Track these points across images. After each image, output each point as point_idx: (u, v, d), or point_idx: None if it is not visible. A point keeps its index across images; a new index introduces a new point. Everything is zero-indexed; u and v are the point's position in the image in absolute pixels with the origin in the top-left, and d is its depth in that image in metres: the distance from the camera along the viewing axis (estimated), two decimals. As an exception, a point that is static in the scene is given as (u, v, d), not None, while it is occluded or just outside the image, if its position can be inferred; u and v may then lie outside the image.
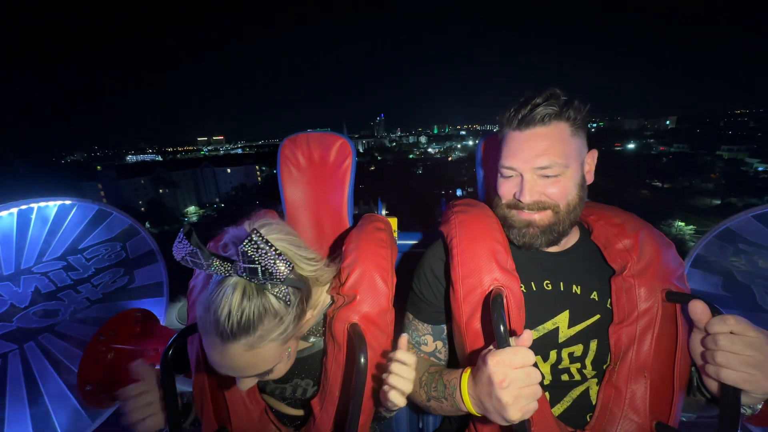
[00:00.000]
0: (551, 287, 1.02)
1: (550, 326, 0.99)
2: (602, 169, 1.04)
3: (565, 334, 0.99)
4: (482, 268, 0.95)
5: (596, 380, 0.99)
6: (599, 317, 0.99)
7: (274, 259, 0.73)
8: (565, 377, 0.99)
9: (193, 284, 1.13)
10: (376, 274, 1.02)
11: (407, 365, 0.87)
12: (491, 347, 0.79)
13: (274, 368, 0.88)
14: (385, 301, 1.02)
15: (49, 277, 1.44)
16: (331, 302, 1.06)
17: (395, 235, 1.45)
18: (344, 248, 1.10)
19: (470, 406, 0.83)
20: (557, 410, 0.99)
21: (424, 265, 1.12)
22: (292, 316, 0.84)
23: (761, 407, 0.82)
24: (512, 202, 1.01)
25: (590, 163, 1.03)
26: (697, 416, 0.99)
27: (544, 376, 0.95)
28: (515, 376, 0.73)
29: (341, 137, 1.39)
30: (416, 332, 1.12)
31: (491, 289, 0.93)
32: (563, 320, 0.99)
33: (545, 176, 0.95)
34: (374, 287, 1.01)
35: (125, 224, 1.66)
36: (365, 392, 0.90)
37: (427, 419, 1.60)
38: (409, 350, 1.12)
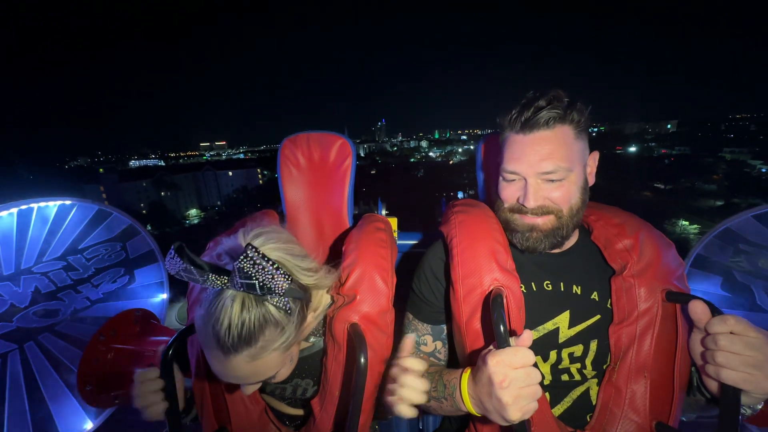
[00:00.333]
0: (551, 287, 1.02)
1: (550, 326, 0.99)
2: (603, 171, 1.04)
3: (565, 334, 0.99)
4: (482, 268, 0.95)
5: (596, 380, 0.99)
6: (599, 317, 0.98)
7: (272, 274, 0.72)
8: (565, 377, 0.99)
9: (193, 284, 1.13)
10: (376, 274, 1.02)
11: (419, 375, 0.86)
12: (491, 347, 0.79)
13: (277, 373, 0.88)
14: (385, 301, 1.01)
15: (49, 277, 1.44)
16: (331, 302, 1.06)
17: (395, 235, 1.45)
18: (344, 248, 1.10)
19: (470, 406, 0.83)
20: (558, 410, 0.99)
21: (424, 265, 1.12)
22: (293, 324, 0.83)
23: (761, 407, 0.82)
24: (515, 206, 1.00)
25: (592, 165, 1.02)
26: (697, 416, 0.99)
27: (544, 376, 0.95)
28: (515, 376, 0.73)
29: (341, 137, 1.39)
30: (416, 332, 1.11)
31: (491, 289, 0.92)
32: (563, 320, 0.99)
33: (549, 180, 0.94)
34: (374, 287, 1.01)
35: (125, 224, 1.66)
36: (365, 392, 0.90)
37: (427, 419, 1.59)
38: (416, 355, 1.12)
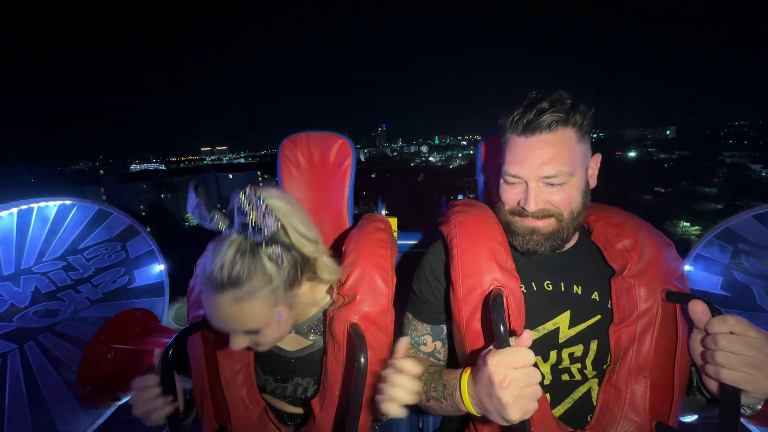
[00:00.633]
0: (552, 287, 1.02)
1: (550, 326, 0.99)
2: (603, 175, 1.04)
3: (565, 334, 0.98)
4: (482, 268, 0.95)
5: (597, 380, 0.98)
6: (600, 317, 0.98)
7: (264, 213, 0.80)
8: (565, 377, 0.99)
9: (193, 284, 1.13)
10: (376, 274, 1.02)
11: (410, 375, 0.86)
12: (491, 347, 0.79)
13: (263, 331, 0.89)
14: (385, 301, 1.01)
15: (49, 277, 1.44)
16: (331, 302, 1.06)
17: (395, 235, 1.45)
18: (344, 248, 1.10)
19: (470, 406, 0.83)
20: (558, 411, 0.98)
21: (424, 265, 1.12)
22: (281, 278, 0.87)
23: (761, 407, 0.81)
24: (516, 209, 0.99)
25: (594, 167, 1.02)
26: (697, 416, 0.99)
27: (544, 376, 0.95)
28: (515, 376, 0.72)
29: (341, 137, 1.39)
30: (416, 332, 1.11)
31: (491, 289, 0.92)
32: (564, 320, 0.99)
33: (550, 184, 0.94)
34: (374, 287, 1.01)
35: (125, 224, 1.67)
36: (365, 392, 0.90)
37: (427, 419, 1.59)
38: (410, 354, 1.11)
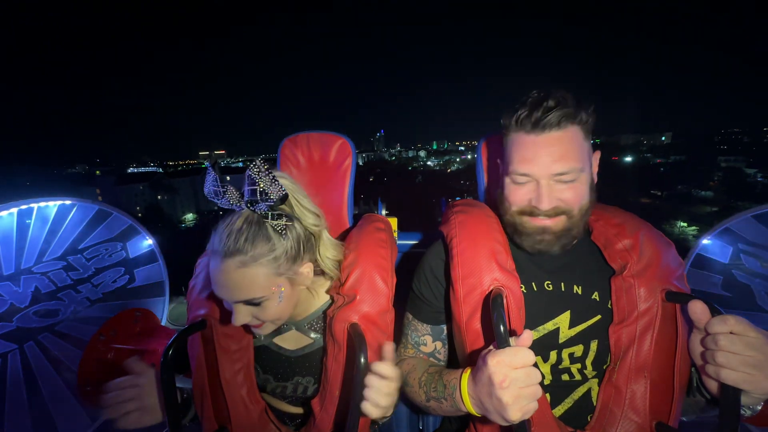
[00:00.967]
0: (552, 287, 1.02)
1: (550, 326, 0.99)
2: (600, 178, 1.04)
3: (565, 334, 0.99)
4: (482, 268, 0.95)
5: (597, 380, 0.98)
6: (600, 317, 0.98)
7: (271, 180, 0.88)
8: (565, 377, 0.99)
9: (193, 284, 1.13)
10: (376, 274, 1.02)
11: (387, 379, 0.85)
12: (491, 347, 0.79)
13: (265, 303, 0.92)
14: (385, 301, 1.01)
15: (49, 277, 1.44)
16: (331, 302, 1.06)
17: (395, 235, 1.45)
18: (344, 248, 1.10)
19: (470, 406, 0.83)
20: (558, 411, 0.99)
21: (424, 265, 1.12)
22: (284, 248, 0.93)
23: (761, 407, 0.81)
24: (526, 208, 0.97)
25: (595, 164, 1.02)
26: (697, 416, 0.99)
27: (544, 376, 0.95)
28: (515, 376, 0.72)
29: (341, 137, 1.39)
30: (416, 332, 1.11)
31: (491, 289, 0.92)
32: (564, 321, 0.99)
33: (561, 182, 0.93)
34: (374, 287, 1.01)
35: (125, 224, 1.67)
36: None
37: (427, 419, 1.59)
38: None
